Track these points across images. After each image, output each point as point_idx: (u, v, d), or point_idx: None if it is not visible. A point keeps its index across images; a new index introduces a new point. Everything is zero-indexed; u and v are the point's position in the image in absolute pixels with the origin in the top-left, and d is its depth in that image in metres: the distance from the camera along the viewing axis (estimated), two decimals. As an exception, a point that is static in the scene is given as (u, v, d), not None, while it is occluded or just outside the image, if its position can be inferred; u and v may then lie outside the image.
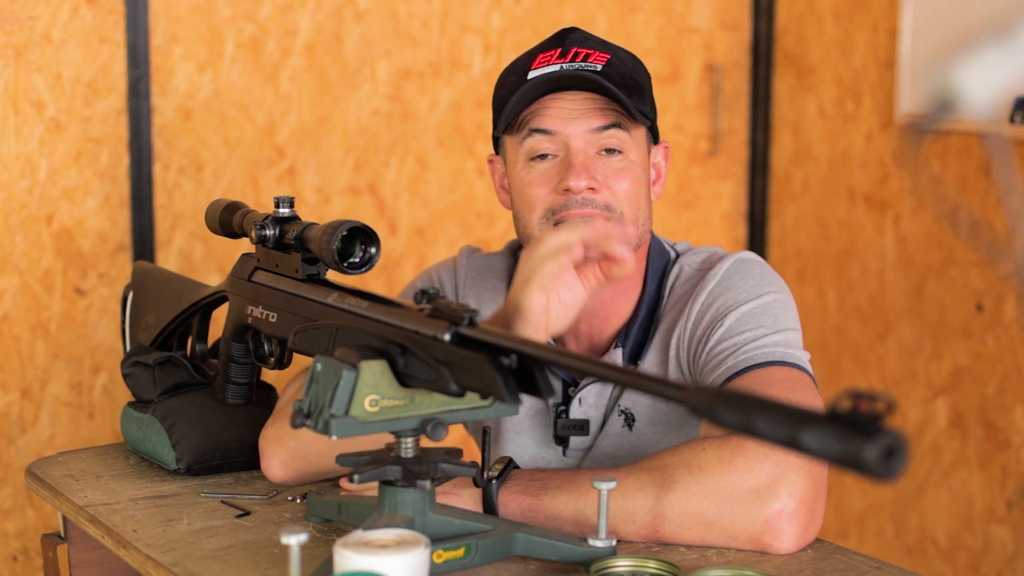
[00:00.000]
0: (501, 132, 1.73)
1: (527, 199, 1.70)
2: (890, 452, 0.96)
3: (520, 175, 1.71)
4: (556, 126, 1.68)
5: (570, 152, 1.68)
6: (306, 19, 2.70)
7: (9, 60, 2.41)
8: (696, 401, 1.09)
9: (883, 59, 3.02)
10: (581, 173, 1.66)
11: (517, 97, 1.68)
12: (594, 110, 1.68)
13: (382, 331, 1.40)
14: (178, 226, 2.60)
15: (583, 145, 1.68)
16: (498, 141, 1.78)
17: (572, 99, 1.68)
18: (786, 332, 1.66)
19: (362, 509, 1.48)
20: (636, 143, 1.71)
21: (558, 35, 1.74)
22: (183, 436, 1.77)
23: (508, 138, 1.74)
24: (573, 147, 1.68)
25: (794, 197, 3.29)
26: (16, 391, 2.48)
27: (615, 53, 1.72)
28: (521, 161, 1.71)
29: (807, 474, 1.46)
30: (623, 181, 1.69)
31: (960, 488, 2.91)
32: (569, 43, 1.71)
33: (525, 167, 1.70)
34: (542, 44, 1.74)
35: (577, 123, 1.67)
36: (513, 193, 1.74)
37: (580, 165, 1.66)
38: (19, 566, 2.51)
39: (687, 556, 1.45)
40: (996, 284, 2.83)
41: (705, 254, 1.79)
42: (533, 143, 1.69)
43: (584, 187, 1.66)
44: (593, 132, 1.68)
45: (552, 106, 1.68)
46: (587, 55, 1.70)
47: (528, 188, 1.70)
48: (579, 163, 1.66)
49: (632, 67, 1.73)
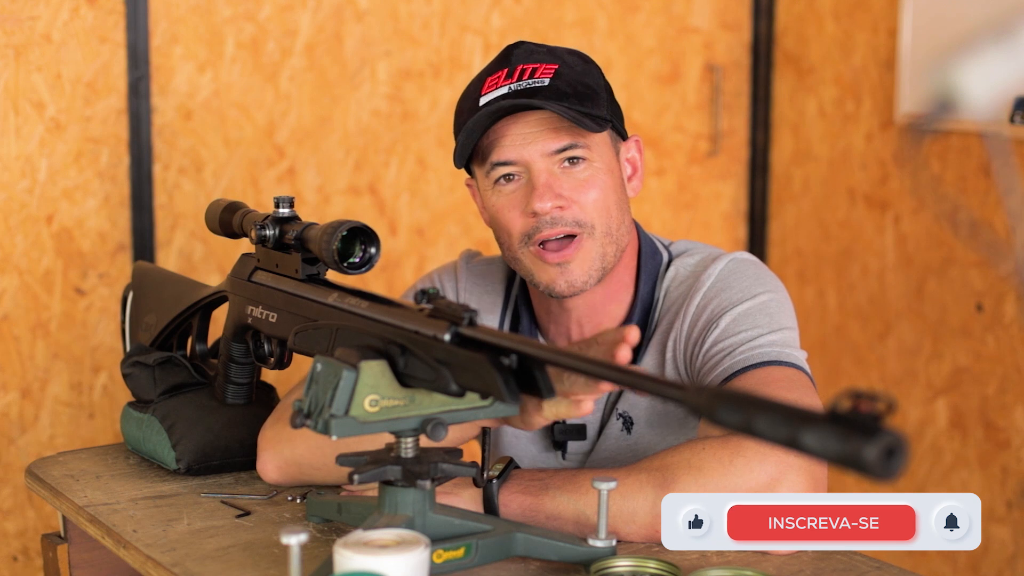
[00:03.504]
0: (460, 166, 1.73)
1: (502, 223, 1.71)
2: (890, 452, 0.96)
3: (492, 201, 1.72)
4: (514, 154, 1.67)
5: (532, 174, 1.67)
6: (306, 19, 2.70)
7: (9, 60, 2.41)
8: (696, 401, 1.09)
9: (883, 59, 3.02)
10: (545, 194, 1.66)
11: (467, 130, 1.67)
12: (548, 131, 1.66)
13: (382, 331, 1.40)
14: (178, 226, 2.60)
15: (544, 165, 1.67)
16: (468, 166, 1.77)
17: (526, 120, 1.67)
18: (783, 331, 1.66)
19: (362, 509, 1.48)
20: (599, 148, 1.70)
21: (503, 53, 1.73)
22: (183, 436, 1.77)
23: (474, 166, 1.74)
24: (534, 169, 1.67)
25: (794, 197, 3.29)
26: (16, 391, 2.48)
27: (563, 60, 1.70)
28: (490, 188, 1.71)
29: (807, 474, 1.46)
30: (590, 191, 1.68)
31: (960, 488, 2.91)
32: (515, 60, 1.70)
33: (494, 192, 1.71)
34: (489, 66, 1.73)
35: (533, 147, 1.67)
36: (491, 217, 1.75)
37: (543, 186, 1.66)
38: (19, 566, 2.51)
39: (687, 556, 1.45)
40: (996, 284, 2.83)
41: (700, 255, 1.78)
42: (496, 173, 1.70)
43: (550, 208, 1.66)
44: (551, 154, 1.67)
45: (507, 134, 1.67)
46: (533, 70, 1.68)
47: (500, 213, 1.71)
48: (542, 184, 1.66)
49: (582, 71, 1.71)
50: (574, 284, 1.69)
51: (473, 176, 1.77)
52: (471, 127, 1.67)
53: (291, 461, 1.67)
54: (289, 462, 1.67)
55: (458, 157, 1.70)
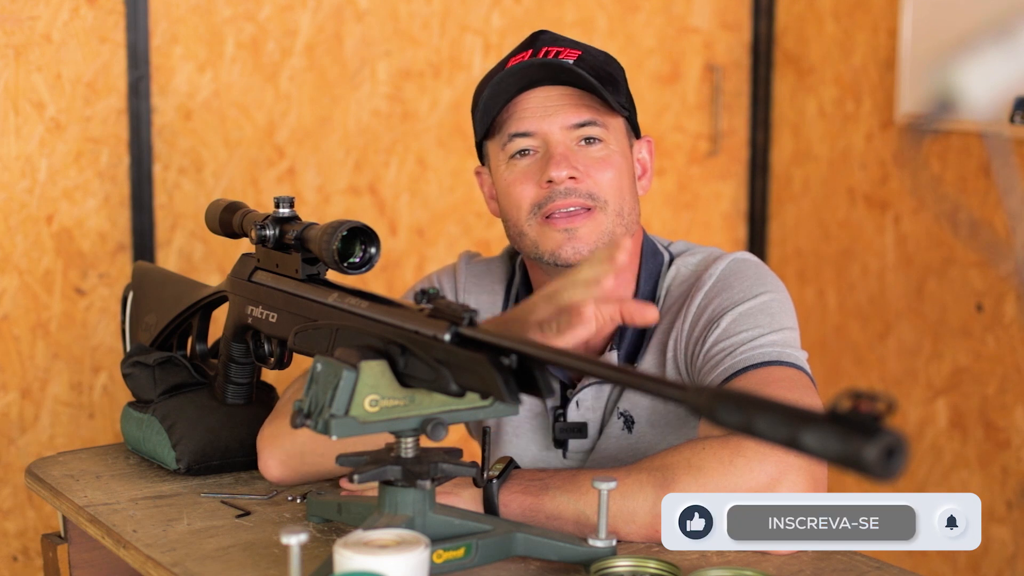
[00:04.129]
0: (481, 137, 1.75)
1: (513, 197, 1.72)
2: (890, 452, 0.96)
3: (504, 176, 1.73)
4: (533, 126, 1.70)
5: (549, 145, 1.69)
6: (306, 19, 2.70)
7: (9, 60, 2.41)
8: (696, 401, 1.09)
9: (883, 59, 3.02)
10: (561, 163, 1.67)
11: (491, 91, 1.70)
12: (569, 105, 1.69)
13: (382, 331, 1.40)
14: (178, 226, 2.60)
15: (562, 138, 1.69)
16: (482, 149, 1.79)
17: (547, 93, 1.70)
18: (783, 331, 1.66)
19: (362, 509, 1.48)
20: (616, 133, 1.73)
21: (529, 38, 1.76)
22: (183, 436, 1.77)
23: (490, 143, 1.76)
24: (552, 140, 1.69)
25: (794, 197, 3.29)
26: (16, 391, 2.48)
27: (586, 50, 1.74)
28: (504, 163, 1.73)
29: (807, 474, 1.46)
30: (605, 170, 1.70)
31: (960, 488, 2.91)
32: (540, 43, 1.73)
33: (508, 167, 1.72)
34: (514, 49, 1.76)
35: (553, 119, 1.69)
36: (500, 196, 1.75)
37: (560, 156, 1.68)
38: (19, 566, 2.51)
39: (687, 556, 1.45)
40: (996, 284, 2.83)
41: (701, 255, 1.78)
42: (513, 146, 1.71)
43: (565, 176, 1.67)
44: (570, 128, 1.69)
45: (527, 106, 1.70)
46: (558, 52, 1.71)
47: (513, 186, 1.72)
48: (559, 153, 1.68)
49: (604, 61, 1.75)
50: (580, 251, 1.68)
51: (484, 161, 1.79)
52: (499, 87, 1.69)
53: (292, 453, 1.67)
54: (291, 454, 1.67)
55: (481, 124, 1.72)
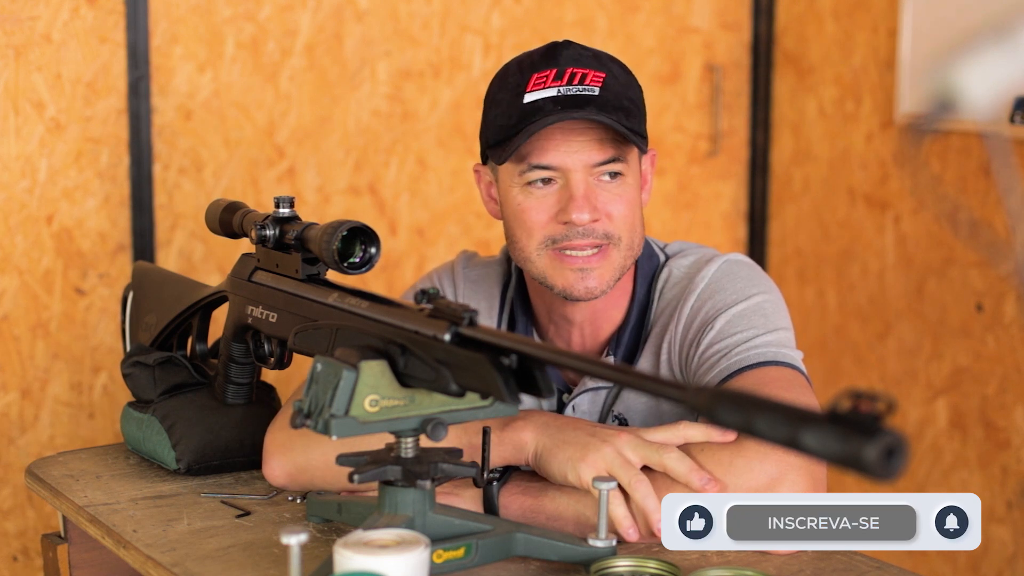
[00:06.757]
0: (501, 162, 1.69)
1: (524, 224, 1.69)
2: (890, 452, 0.96)
3: (516, 199, 1.69)
4: (557, 160, 1.66)
5: (570, 183, 1.66)
6: (306, 19, 2.70)
7: (9, 60, 2.41)
8: (696, 400, 1.09)
9: (883, 59, 3.02)
10: (584, 207, 1.65)
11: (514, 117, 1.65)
12: (594, 142, 1.65)
13: (382, 331, 1.40)
14: (178, 226, 2.60)
15: (584, 176, 1.66)
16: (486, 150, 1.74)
17: (572, 128, 1.65)
18: (777, 332, 1.66)
19: (362, 509, 1.48)
20: (633, 163, 1.70)
21: (550, 51, 1.70)
22: (183, 436, 1.77)
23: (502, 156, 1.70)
24: (573, 179, 1.66)
25: (794, 197, 3.29)
26: (16, 391, 2.48)
27: (609, 70, 1.69)
28: (517, 186, 1.69)
29: (807, 474, 1.46)
30: (620, 206, 1.67)
31: (960, 488, 2.91)
32: (564, 62, 1.67)
33: (522, 191, 1.68)
34: (535, 61, 1.70)
35: (577, 156, 1.65)
36: (507, 212, 1.72)
37: (582, 198, 1.65)
38: (19, 566, 2.51)
39: (687, 556, 1.45)
40: (996, 284, 2.83)
41: (694, 256, 1.78)
42: (532, 175, 1.67)
43: (587, 220, 1.65)
44: (593, 166, 1.66)
45: (552, 138, 1.65)
46: (583, 75, 1.66)
47: (527, 213, 1.68)
48: (580, 195, 1.65)
49: (626, 83, 1.70)
50: (593, 290, 1.68)
51: (485, 160, 1.76)
52: (519, 116, 1.64)
53: (303, 469, 1.64)
54: (302, 470, 1.64)
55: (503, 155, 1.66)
